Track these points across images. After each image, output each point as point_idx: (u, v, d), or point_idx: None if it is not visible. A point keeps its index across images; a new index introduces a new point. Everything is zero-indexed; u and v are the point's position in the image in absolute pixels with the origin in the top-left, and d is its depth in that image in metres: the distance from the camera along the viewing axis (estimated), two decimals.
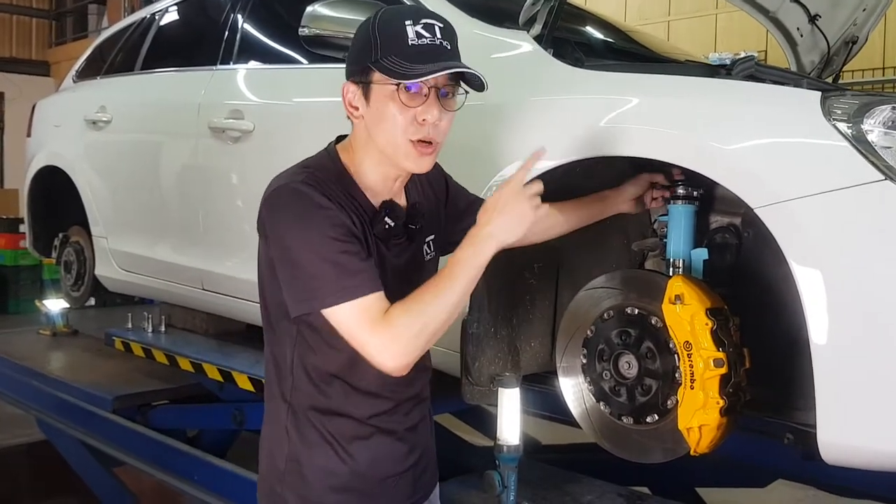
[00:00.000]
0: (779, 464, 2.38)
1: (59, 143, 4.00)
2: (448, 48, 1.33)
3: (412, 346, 1.30)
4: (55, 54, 13.16)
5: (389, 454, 1.48)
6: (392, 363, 1.30)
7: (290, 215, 1.32)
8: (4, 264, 9.18)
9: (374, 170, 1.40)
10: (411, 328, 1.29)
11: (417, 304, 1.30)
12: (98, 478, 3.50)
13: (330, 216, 1.31)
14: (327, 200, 1.32)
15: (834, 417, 1.48)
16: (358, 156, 1.41)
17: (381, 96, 1.33)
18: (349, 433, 1.44)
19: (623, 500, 2.16)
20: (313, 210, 1.31)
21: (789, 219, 1.51)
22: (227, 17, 3.18)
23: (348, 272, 1.29)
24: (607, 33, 2.90)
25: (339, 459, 1.43)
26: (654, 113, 1.76)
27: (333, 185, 1.36)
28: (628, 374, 1.82)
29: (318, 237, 1.30)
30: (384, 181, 1.42)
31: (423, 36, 1.30)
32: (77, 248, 4.05)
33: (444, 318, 1.31)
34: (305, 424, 1.44)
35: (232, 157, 2.87)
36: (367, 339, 1.30)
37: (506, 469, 1.88)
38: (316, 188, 1.33)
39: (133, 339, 3.40)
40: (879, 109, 1.50)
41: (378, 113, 1.34)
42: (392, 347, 1.29)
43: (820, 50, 3.11)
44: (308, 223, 1.31)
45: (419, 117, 1.32)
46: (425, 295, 1.31)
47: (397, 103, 1.32)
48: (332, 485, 1.44)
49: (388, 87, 1.32)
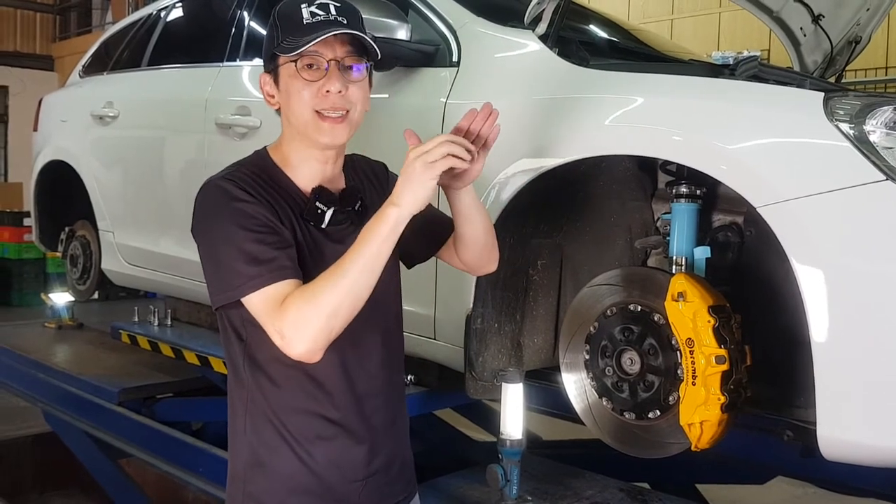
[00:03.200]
0: (778, 460, 2.39)
1: (66, 137, 4.02)
2: (344, 23, 1.37)
3: (312, 330, 1.26)
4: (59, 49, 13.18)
5: (352, 456, 1.43)
6: (295, 349, 1.27)
7: (208, 210, 1.37)
8: (9, 257, 9.21)
9: (301, 156, 1.43)
10: (308, 311, 1.25)
11: (314, 288, 1.27)
12: (103, 469, 3.52)
13: (244, 208, 1.33)
14: (244, 193, 1.34)
15: (834, 414, 1.50)
16: (284, 147, 1.45)
17: (286, 77, 1.39)
18: (309, 432, 1.40)
19: (624, 496, 2.18)
20: (227, 203, 1.34)
21: (791, 218, 1.53)
22: (233, 13, 3.20)
23: (257, 262, 1.30)
24: (612, 32, 2.91)
25: (298, 460, 1.40)
26: (659, 112, 1.78)
27: (257, 178, 1.39)
28: (631, 370, 1.84)
29: (231, 228, 1.32)
30: (315, 166, 1.44)
31: (317, 14, 1.36)
32: (83, 242, 4.07)
33: (344, 295, 1.26)
34: (263, 426, 1.41)
35: (239, 154, 2.84)
36: (272, 327, 1.29)
37: (508, 463, 1.91)
38: (235, 183, 1.36)
39: (139, 332, 3.42)
40: (881, 110, 1.52)
41: (287, 93, 1.39)
42: (291, 333, 1.26)
43: (823, 50, 3.12)
44: (221, 216, 1.34)
45: (322, 89, 1.36)
46: (324, 274, 1.28)
47: (300, 80, 1.36)
48: (292, 487, 1.40)
49: (290, 67, 1.37)
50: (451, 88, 2.18)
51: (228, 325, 1.42)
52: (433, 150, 1.27)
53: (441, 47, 2.28)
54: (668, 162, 1.88)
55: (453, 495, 2.20)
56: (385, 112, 2.19)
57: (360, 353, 1.44)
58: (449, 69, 2.22)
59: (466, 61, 2.21)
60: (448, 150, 1.27)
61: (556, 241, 2.16)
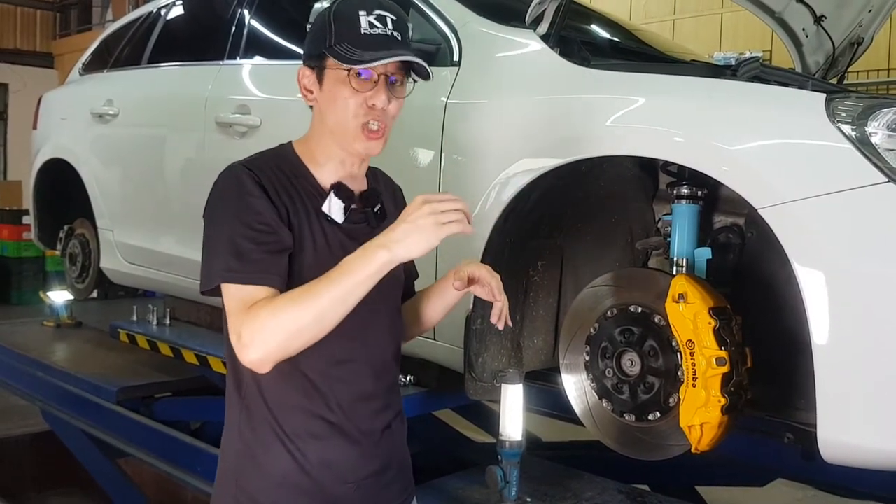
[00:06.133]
0: (778, 463, 2.39)
1: (66, 135, 4.02)
2: (399, 39, 1.38)
3: (269, 343, 1.25)
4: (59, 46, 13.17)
5: (345, 458, 1.42)
6: (247, 356, 1.27)
7: (219, 196, 1.38)
8: (7, 255, 9.21)
9: (329, 155, 1.44)
10: (270, 324, 1.25)
11: (282, 300, 1.27)
12: (102, 468, 3.51)
13: (251, 202, 1.33)
14: (257, 188, 1.35)
15: (834, 416, 1.50)
16: (313, 143, 1.45)
17: (333, 81, 1.39)
18: (302, 430, 1.40)
19: (624, 497, 2.17)
20: (238, 195, 1.34)
21: (792, 220, 1.53)
22: (234, 12, 3.19)
23: (242, 258, 1.30)
24: (613, 32, 2.91)
25: (291, 458, 1.39)
26: (660, 113, 1.77)
27: (276, 169, 1.40)
28: (631, 371, 1.83)
29: (231, 219, 1.33)
30: (340, 167, 1.45)
31: (375, 26, 1.36)
32: (82, 240, 4.06)
33: (309, 319, 1.25)
34: (258, 421, 1.41)
35: (238, 152, 2.82)
36: (232, 326, 1.29)
37: (508, 464, 1.90)
38: (252, 174, 1.36)
39: (138, 331, 3.42)
40: (883, 112, 1.52)
41: (330, 96, 1.39)
42: (248, 339, 1.26)
43: (825, 51, 3.11)
44: (227, 205, 1.35)
45: (368, 102, 1.37)
46: (295, 292, 1.27)
47: (348, 88, 1.37)
48: (284, 484, 1.40)
49: (340, 72, 1.37)
50: (451, 88, 2.18)
51: None
52: (448, 210, 1.24)
53: (442, 46, 2.27)
54: (669, 163, 1.88)
55: (452, 496, 2.19)
56: None
57: (357, 355, 1.43)
58: (450, 68, 2.22)
59: (467, 61, 2.21)
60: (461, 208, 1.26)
61: (556, 241, 2.16)
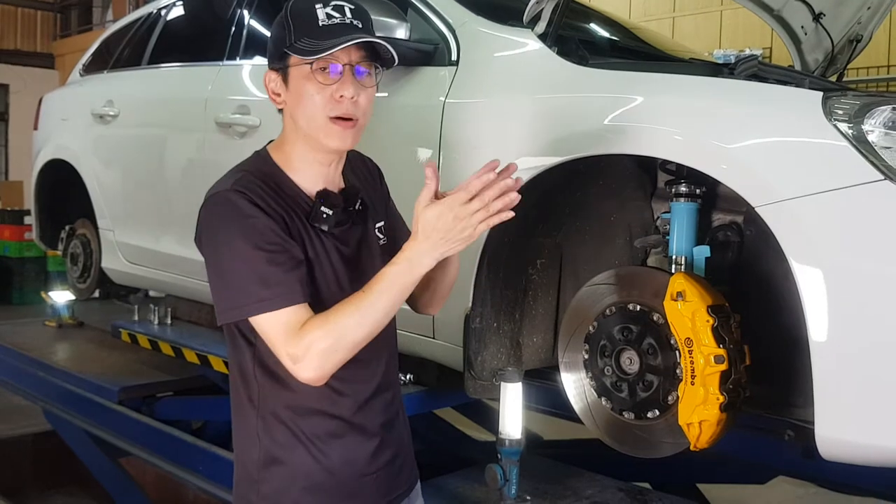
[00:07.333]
0: (779, 460, 2.39)
1: (66, 136, 4.02)
2: (359, 27, 1.37)
3: (324, 360, 1.29)
4: (60, 47, 13.18)
5: (363, 452, 1.45)
6: (305, 375, 1.30)
7: (217, 223, 1.35)
8: (9, 256, 9.22)
9: (304, 158, 1.42)
10: (324, 342, 1.28)
11: (335, 318, 1.29)
12: (104, 468, 3.53)
13: (255, 225, 1.32)
14: (254, 208, 1.33)
15: (832, 413, 1.50)
16: (287, 148, 1.43)
17: (298, 78, 1.37)
18: (322, 431, 1.42)
19: (624, 495, 2.18)
20: (239, 219, 1.33)
21: (789, 218, 1.53)
22: (233, 12, 3.19)
23: (267, 284, 1.30)
24: (612, 31, 2.91)
25: (312, 459, 1.41)
26: (658, 111, 1.77)
27: (264, 186, 1.37)
28: (630, 369, 1.84)
29: (241, 246, 1.31)
30: (318, 168, 1.43)
31: (332, 16, 1.35)
32: (83, 240, 4.07)
33: (365, 333, 1.30)
34: (276, 427, 1.42)
35: (238, 153, 2.83)
36: (282, 351, 1.30)
37: (507, 463, 1.91)
38: (244, 195, 1.34)
39: (139, 331, 3.43)
40: (880, 110, 1.52)
41: (297, 95, 1.38)
42: (304, 360, 1.28)
43: (824, 48, 3.11)
44: (232, 232, 1.33)
45: (335, 94, 1.36)
46: (346, 308, 1.30)
47: (314, 83, 1.35)
48: (308, 486, 1.42)
49: (304, 69, 1.36)
50: (450, 87, 2.18)
51: (237, 331, 1.42)
52: (473, 227, 1.25)
53: (440, 46, 2.27)
54: (667, 161, 1.88)
55: (453, 495, 2.20)
56: (384, 111, 2.18)
57: (369, 353, 1.44)
58: (448, 68, 2.22)
59: (465, 60, 2.21)
60: (483, 219, 1.26)
61: (555, 240, 2.16)
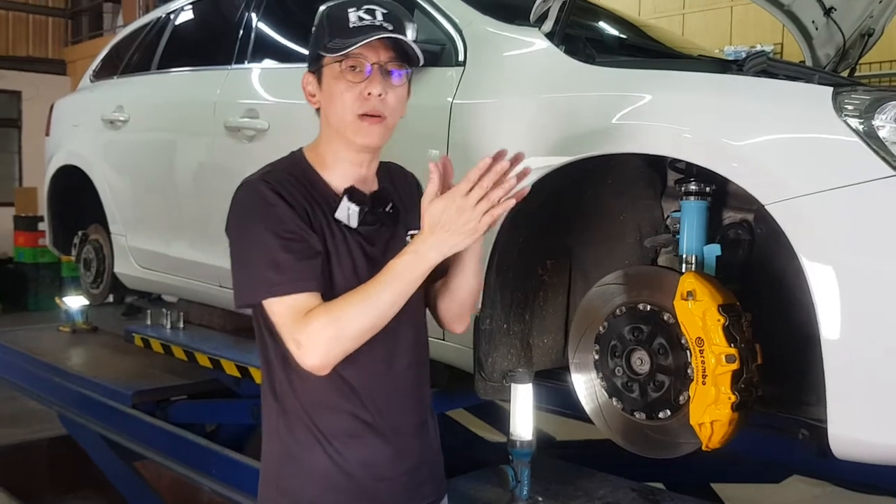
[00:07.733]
0: (793, 460, 2.37)
1: (78, 142, 4.05)
2: (389, 28, 1.40)
3: (328, 347, 1.31)
4: (71, 53, 13.25)
5: (381, 455, 1.45)
6: (309, 361, 1.32)
7: (242, 211, 1.41)
8: (24, 262, 9.30)
9: (337, 157, 1.46)
10: (328, 329, 1.30)
11: (340, 306, 1.32)
12: (119, 472, 3.54)
13: (275, 212, 1.36)
14: (276, 197, 1.37)
15: (844, 412, 1.48)
16: (321, 148, 1.47)
17: (330, 78, 1.42)
18: (339, 430, 1.43)
19: (637, 496, 2.16)
20: (259, 205, 1.37)
21: (800, 215, 1.51)
22: (241, 16, 3.20)
23: (281, 270, 1.33)
24: (620, 28, 2.89)
25: (329, 459, 1.42)
26: (666, 109, 1.76)
27: (291, 178, 1.42)
28: (640, 370, 1.83)
29: (261, 232, 1.35)
30: (349, 168, 1.46)
31: (363, 18, 1.39)
32: (96, 245, 4.10)
33: (368, 323, 1.32)
34: (296, 424, 1.43)
35: (247, 156, 2.89)
36: (287, 336, 1.33)
37: (519, 464, 1.90)
38: (269, 184, 1.39)
39: (152, 335, 3.45)
40: (891, 105, 1.50)
41: (329, 93, 1.42)
42: (307, 346, 1.31)
43: (835, 43, 3.08)
44: (252, 218, 1.38)
45: (364, 92, 1.39)
46: (352, 297, 1.32)
47: (343, 81, 1.40)
48: (325, 486, 1.43)
49: (335, 68, 1.40)
50: (457, 88, 2.18)
51: (262, 322, 1.44)
52: (477, 219, 1.27)
53: (447, 46, 2.27)
54: (676, 159, 1.87)
55: (465, 496, 2.19)
56: None
57: (389, 353, 1.45)
58: (455, 68, 2.22)
59: (472, 60, 2.21)
60: (487, 212, 1.27)
61: (565, 240, 2.15)
